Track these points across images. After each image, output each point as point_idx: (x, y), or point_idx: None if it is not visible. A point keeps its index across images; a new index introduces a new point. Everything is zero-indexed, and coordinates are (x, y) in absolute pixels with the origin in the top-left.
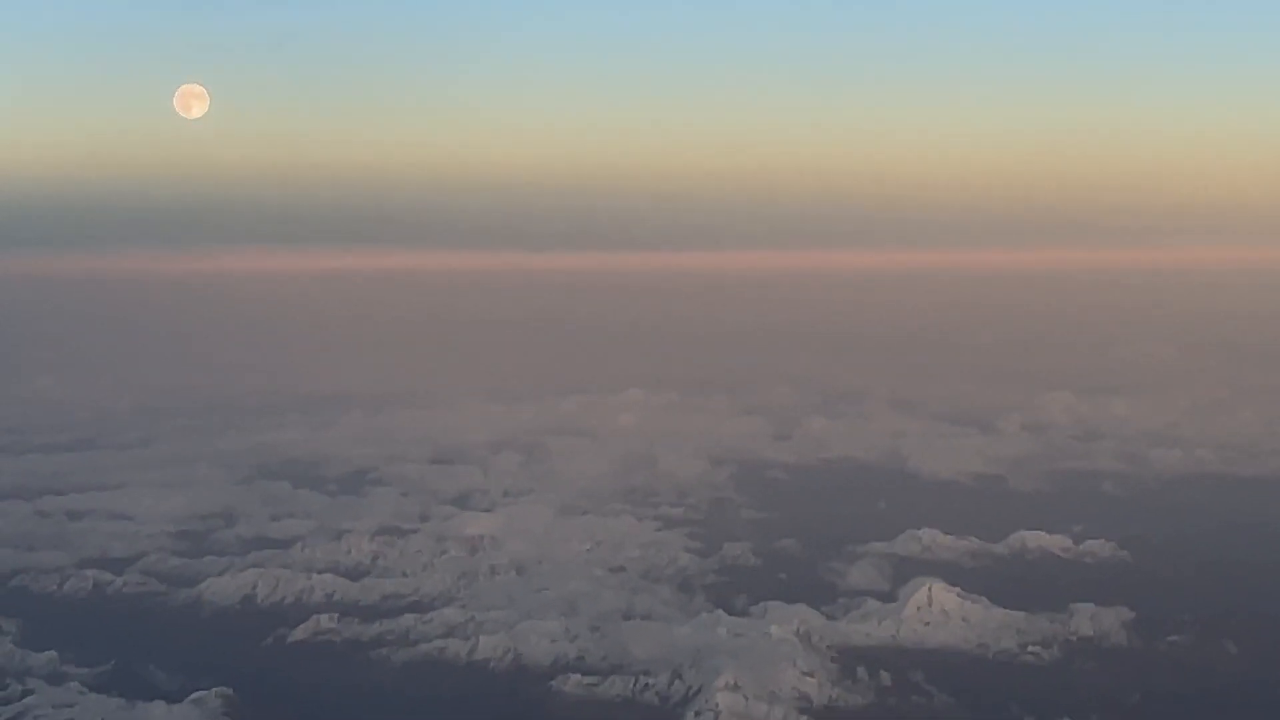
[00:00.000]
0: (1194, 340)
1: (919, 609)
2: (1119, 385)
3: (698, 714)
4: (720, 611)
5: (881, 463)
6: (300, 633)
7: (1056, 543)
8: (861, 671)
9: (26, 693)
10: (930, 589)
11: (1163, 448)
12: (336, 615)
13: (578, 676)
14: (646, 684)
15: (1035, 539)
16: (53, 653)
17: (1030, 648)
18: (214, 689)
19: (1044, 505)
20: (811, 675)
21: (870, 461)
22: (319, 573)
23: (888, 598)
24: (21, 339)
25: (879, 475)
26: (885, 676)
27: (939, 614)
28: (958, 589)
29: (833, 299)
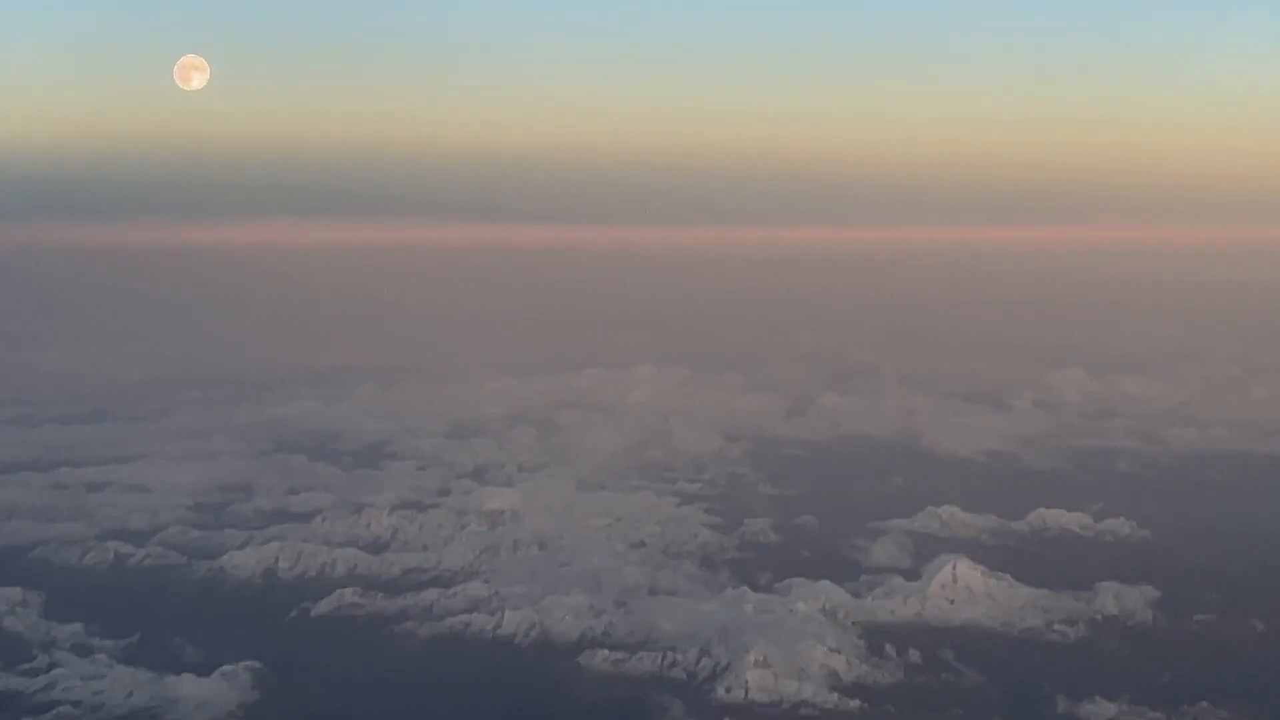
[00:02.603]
0: (1200, 318)
1: (944, 586)
2: (1129, 363)
3: (727, 690)
4: (745, 588)
5: (896, 439)
6: (324, 606)
7: (1076, 520)
8: (890, 649)
9: (54, 665)
10: (955, 566)
11: (1178, 426)
12: (359, 589)
13: (605, 652)
14: (674, 660)
15: (1055, 517)
16: (78, 625)
17: (1056, 626)
18: (242, 663)
19: (1061, 483)
20: (839, 652)
21: (884, 438)
22: (340, 546)
23: (911, 575)
24: (26, 311)
25: (894, 452)
26: (914, 654)
27: (964, 591)
28: (982, 567)
29: (842, 275)
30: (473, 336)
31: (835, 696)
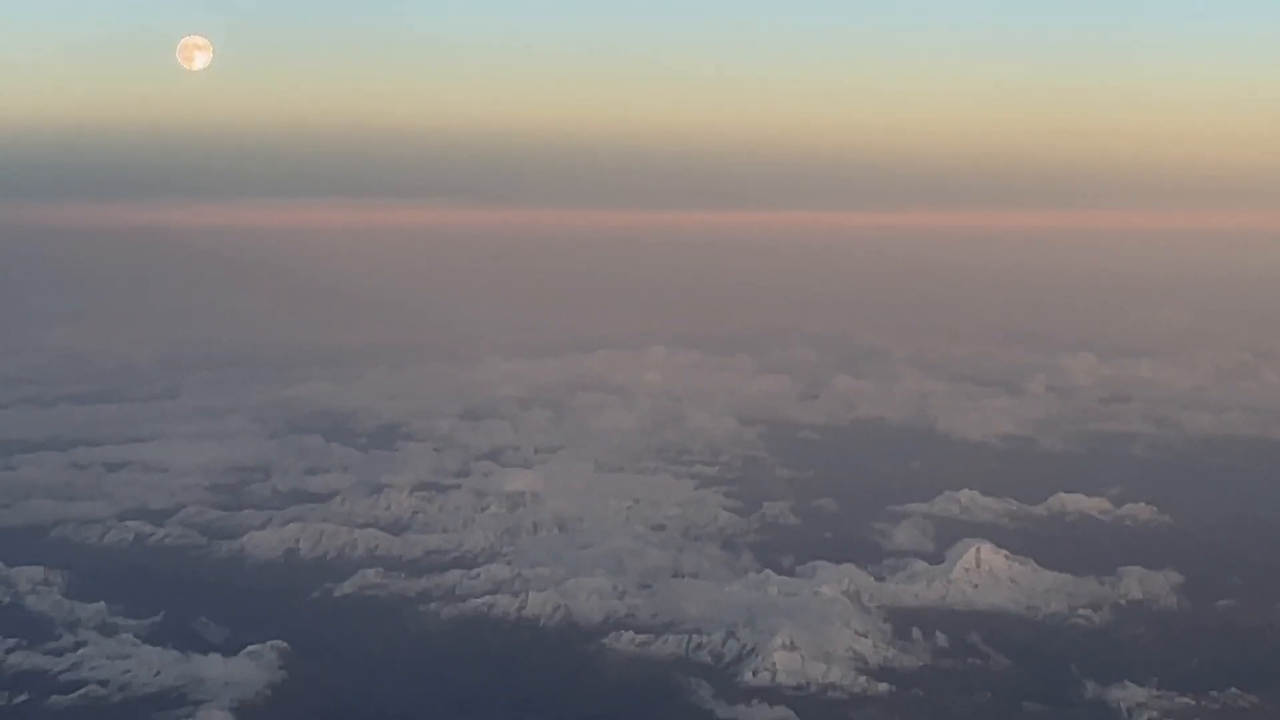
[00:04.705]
0: (1208, 303)
1: (967, 570)
2: (1140, 348)
3: (754, 673)
4: (768, 571)
5: (911, 423)
6: (347, 587)
7: (1096, 505)
8: (916, 633)
9: (80, 644)
10: (978, 550)
11: (1192, 410)
12: (382, 570)
13: (630, 634)
14: (700, 642)
15: (1074, 501)
16: (101, 604)
17: (1080, 610)
18: (268, 642)
19: (1077, 467)
20: (866, 636)
21: (899, 422)
22: (360, 527)
23: (933, 559)
24: (33, 289)
25: (909, 436)
26: (941, 638)
27: (987, 576)
28: (1005, 550)
29: (853, 258)
30: (484, 318)
31: (863, 680)
